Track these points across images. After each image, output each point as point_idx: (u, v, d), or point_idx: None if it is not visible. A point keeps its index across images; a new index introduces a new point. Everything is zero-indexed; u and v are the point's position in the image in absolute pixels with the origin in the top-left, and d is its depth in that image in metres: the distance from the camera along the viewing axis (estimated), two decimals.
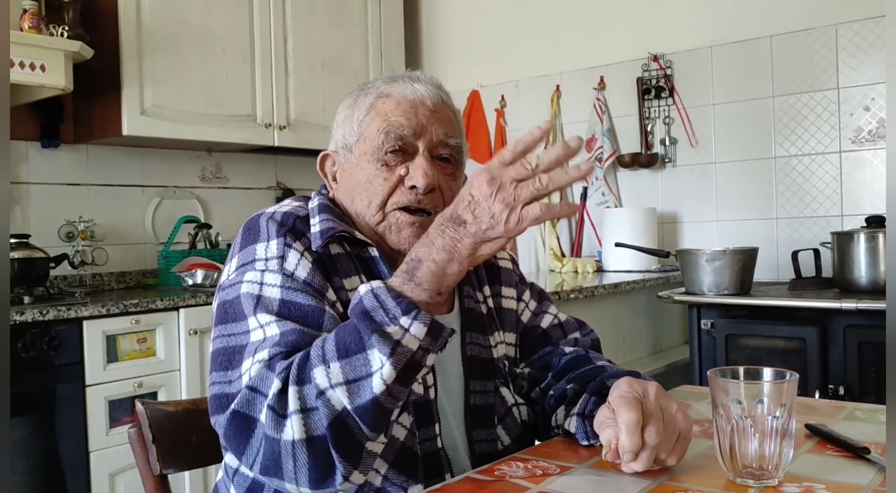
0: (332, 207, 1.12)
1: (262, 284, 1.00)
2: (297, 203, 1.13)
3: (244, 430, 0.90)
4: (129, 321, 2.43)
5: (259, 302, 0.98)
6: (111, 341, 2.40)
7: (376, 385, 0.85)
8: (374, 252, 1.09)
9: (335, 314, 1.00)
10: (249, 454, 0.90)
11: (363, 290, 0.89)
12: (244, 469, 1.05)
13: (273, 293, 0.99)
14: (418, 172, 1.09)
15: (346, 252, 1.08)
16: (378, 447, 0.89)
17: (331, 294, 1.02)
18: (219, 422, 0.94)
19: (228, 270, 1.06)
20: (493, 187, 0.85)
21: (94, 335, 2.35)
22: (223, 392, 0.95)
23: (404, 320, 0.85)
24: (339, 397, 0.85)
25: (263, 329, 0.96)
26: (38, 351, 2.22)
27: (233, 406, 0.91)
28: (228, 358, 0.97)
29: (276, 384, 0.87)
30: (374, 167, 1.10)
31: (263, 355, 0.92)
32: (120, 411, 2.40)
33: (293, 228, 1.05)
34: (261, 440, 0.88)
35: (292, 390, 0.86)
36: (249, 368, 0.93)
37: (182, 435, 1.19)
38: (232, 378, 0.95)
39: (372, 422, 0.86)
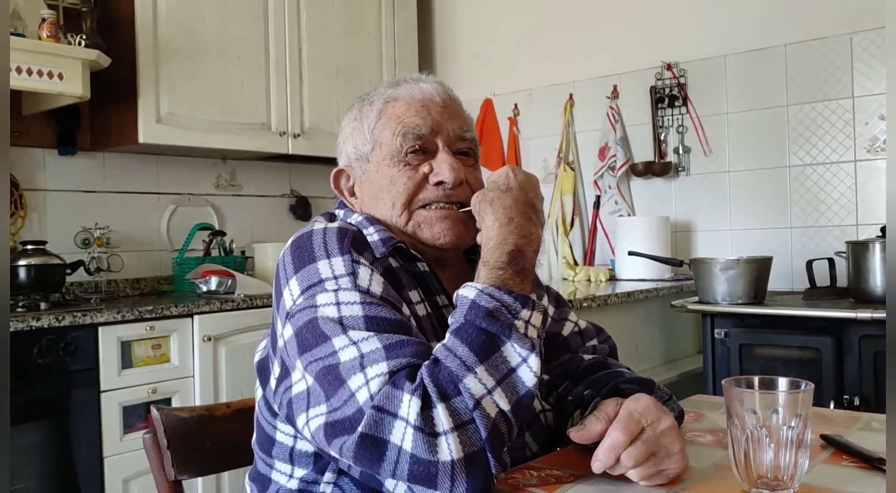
0: (378, 220, 1.09)
1: (339, 304, 0.93)
2: (335, 223, 1.04)
3: (374, 452, 0.83)
4: (143, 328, 2.44)
5: (343, 322, 0.91)
6: (126, 347, 2.41)
7: (528, 378, 0.86)
8: (425, 267, 1.07)
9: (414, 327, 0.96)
10: (384, 474, 0.84)
11: (471, 293, 0.90)
12: (285, 484, 1.06)
13: (355, 311, 0.92)
14: (444, 167, 1.08)
15: (401, 265, 1.06)
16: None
17: (405, 309, 0.98)
18: (345, 445, 0.85)
19: (291, 295, 0.97)
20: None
21: (108, 341, 2.36)
22: (335, 419, 0.87)
23: (525, 313, 0.89)
24: (496, 401, 0.84)
25: (358, 346, 0.88)
26: (54, 357, 2.24)
27: (360, 429, 0.83)
28: (327, 386, 0.89)
29: (414, 403, 0.82)
30: (395, 170, 1.09)
31: (381, 368, 0.86)
32: (134, 416, 2.42)
33: (355, 239, 0.99)
34: (398, 461, 0.82)
35: (441, 408, 0.82)
36: (365, 384, 0.85)
37: (197, 441, 1.19)
38: (337, 405, 0.87)
39: (524, 416, 0.87)
